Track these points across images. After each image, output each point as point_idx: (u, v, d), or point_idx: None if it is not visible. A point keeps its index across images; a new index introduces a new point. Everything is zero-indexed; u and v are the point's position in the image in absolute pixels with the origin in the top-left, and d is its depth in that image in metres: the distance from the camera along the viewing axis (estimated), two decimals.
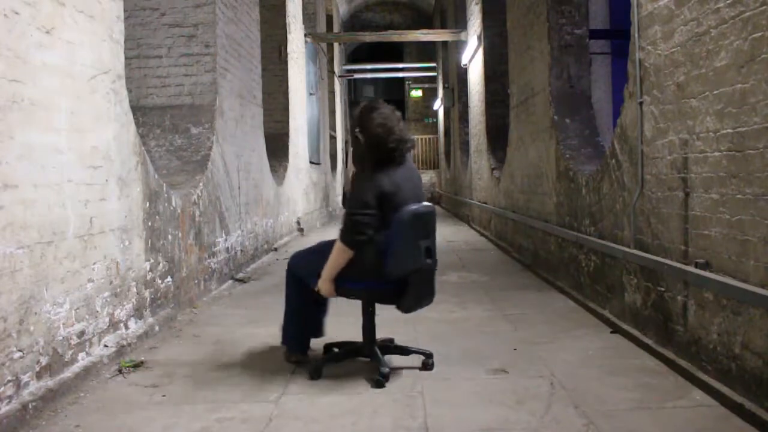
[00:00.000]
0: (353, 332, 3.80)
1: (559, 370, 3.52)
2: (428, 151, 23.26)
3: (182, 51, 6.32)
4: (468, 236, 10.92)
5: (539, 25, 6.52)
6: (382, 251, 3.39)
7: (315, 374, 3.50)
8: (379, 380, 3.35)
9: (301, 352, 3.77)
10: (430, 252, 3.49)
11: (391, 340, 3.82)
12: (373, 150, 3.46)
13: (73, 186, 3.47)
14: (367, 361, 3.61)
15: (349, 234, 3.40)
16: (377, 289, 3.50)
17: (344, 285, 3.50)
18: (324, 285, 3.49)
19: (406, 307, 3.58)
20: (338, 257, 3.44)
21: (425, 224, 3.48)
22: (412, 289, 3.46)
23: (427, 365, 3.60)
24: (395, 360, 3.67)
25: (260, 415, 2.99)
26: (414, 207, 3.42)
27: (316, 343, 3.87)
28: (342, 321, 4.13)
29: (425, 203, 3.54)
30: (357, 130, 3.52)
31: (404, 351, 3.72)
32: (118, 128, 4.05)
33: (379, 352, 3.55)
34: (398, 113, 3.57)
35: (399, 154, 3.48)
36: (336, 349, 3.81)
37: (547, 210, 6.42)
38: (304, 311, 3.75)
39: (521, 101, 7.63)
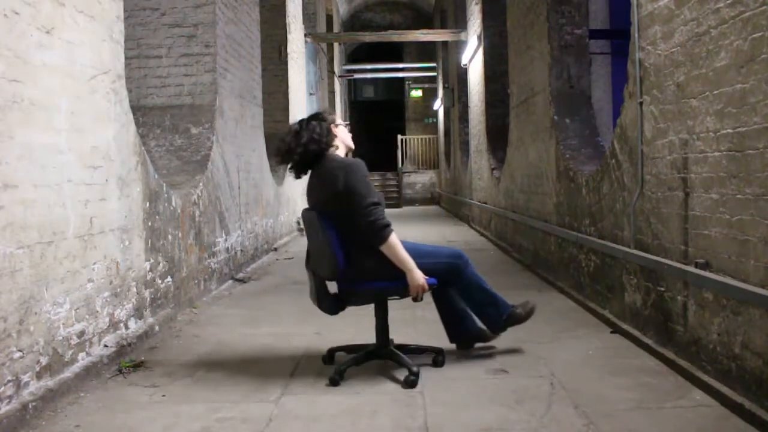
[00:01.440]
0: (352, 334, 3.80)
1: (559, 370, 3.52)
2: (428, 151, 23.26)
3: (182, 51, 6.32)
4: (468, 236, 10.92)
5: (539, 25, 6.52)
6: None
7: (336, 379, 3.40)
8: (414, 380, 3.33)
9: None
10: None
11: (391, 341, 3.83)
12: None
13: (73, 186, 3.47)
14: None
15: None
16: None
17: None
18: None
19: None
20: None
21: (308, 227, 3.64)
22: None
23: (437, 362, 3.64)
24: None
25: (260, 415, 2.99)
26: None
27: (320, 349, 3.87)
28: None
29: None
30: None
31: (417, 350, 3.74)
32: (118, 128, 4.05)
33: (399, 352, 3.57)
34: (294, 128, 3.58)
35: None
36: (339, 354, 3.79)
37: (547, 210, 6.42)
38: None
39: (521, 101, 7.63)
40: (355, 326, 4.37)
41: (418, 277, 3.37)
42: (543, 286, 6.05)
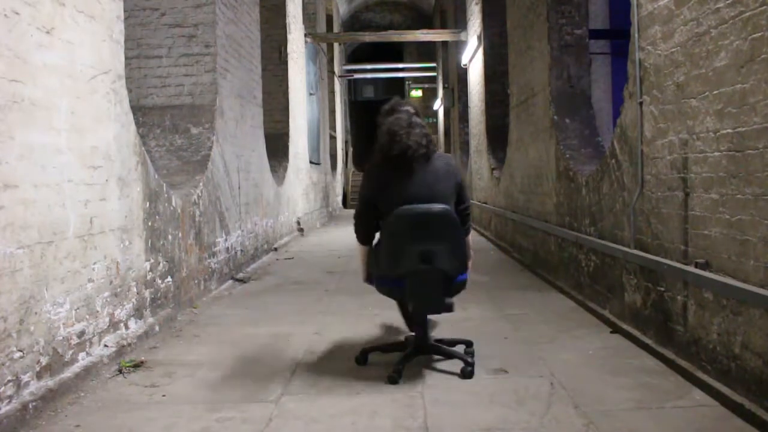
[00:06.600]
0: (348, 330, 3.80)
1: (559, 370, 3.52)
2: None
3: (182, 51, 6.32)
4: None
5: (539, 25, 6.52)
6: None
7: (395, 378, 3.38)
8: (471, 370, 3.40)
9: None
10: (426, 256, 3.33)
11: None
12: (378, 153, 3.48)
13: (73, 186, 3.47)
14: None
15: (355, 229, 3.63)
16: (388, 286, 3.58)
17: (377, 282, 3.60)
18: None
19: (411, 306, 3.59)
20: (359, 252, 3.71)
21: (417, 227, 3.33)
22: (408, 291, 3.45)
23: (466, 353, 3.70)
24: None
25: (260, 415, 2.99)
26: (402, 209, 3.31)
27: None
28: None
29: (424, 205, 3.33)
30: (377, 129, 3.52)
31: (450, 343, 3.78)
32: (118, 128, 4.05)
33: (444, 345, 3.67)
34: (413, 118, 3.47)
35: (404, 162, 3.39)
36: (372, 353, 3.78)
37: (547, 210, 6.42)
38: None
39: (521, 101, 7.63)
40: (354, 326, 4.37)
41: None
42: (543, 286, 6.05)
